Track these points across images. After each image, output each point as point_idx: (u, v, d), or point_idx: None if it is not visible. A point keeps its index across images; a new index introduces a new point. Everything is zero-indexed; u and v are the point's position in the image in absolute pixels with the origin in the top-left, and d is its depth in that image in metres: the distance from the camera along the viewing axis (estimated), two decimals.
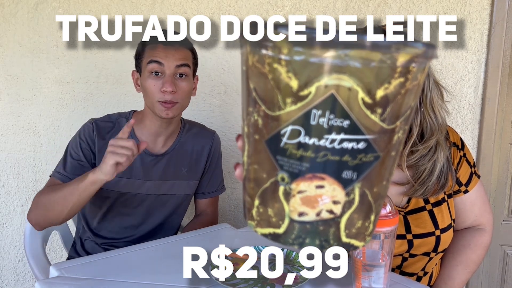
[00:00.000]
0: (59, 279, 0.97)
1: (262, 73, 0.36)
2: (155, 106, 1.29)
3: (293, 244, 0.38)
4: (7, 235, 2.09)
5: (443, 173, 1.08)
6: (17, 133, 2.00)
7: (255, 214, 0.40)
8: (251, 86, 0.38)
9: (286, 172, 0.37)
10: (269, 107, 0.36)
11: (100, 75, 1.92)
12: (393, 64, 0.33)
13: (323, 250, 0.38)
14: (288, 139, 0.36)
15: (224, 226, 1.33)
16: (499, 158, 1.72)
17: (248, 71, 0.38)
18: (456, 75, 1.67)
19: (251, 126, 0.39)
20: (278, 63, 0.35)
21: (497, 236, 1.76)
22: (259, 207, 0.40)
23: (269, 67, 0.35)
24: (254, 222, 0.41)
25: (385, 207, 0.85)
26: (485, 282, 1.80)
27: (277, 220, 0.38)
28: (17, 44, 1.94)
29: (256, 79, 0.37)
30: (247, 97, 0.39)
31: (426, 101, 1.03)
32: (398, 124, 0.36)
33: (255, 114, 0.38)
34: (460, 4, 1.63)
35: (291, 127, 0.36)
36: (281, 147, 0.36)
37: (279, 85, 0.35)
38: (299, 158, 0.36)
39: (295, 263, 1.04)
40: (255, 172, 0.39)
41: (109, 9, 1.86)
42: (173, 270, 1.02)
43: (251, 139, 0.39)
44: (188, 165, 1.44)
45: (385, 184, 0.38)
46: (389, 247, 0.85)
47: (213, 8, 1.81)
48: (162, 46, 1.28)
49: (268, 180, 0.38)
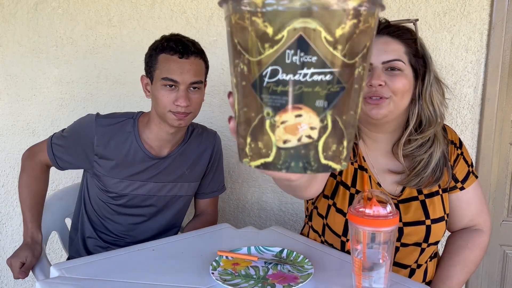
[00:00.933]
0: (59, 279, 0.97)
1: (243, 27, 0.44)
2: (167, 116, 1.28)
3: (281, 169, 0.45)
4: (6, 235, 2.09)
5: (438, 167, 1.10)
6: (16, 133, 2.00)
7: (248, 150, 0.48)
8: (235, 41, 0.46)
9: (270, 107, 0.44)
10: (252, 55, 0.44)
11: (99, 75, 1.92)
12: (346, 7, 0.41)
13: (307, 171, 0.45)
14: (269, 78, 0.43)
15: (224, 226, 1.33)
16: (499, 158, 1.72)
17: (232, 29, 0.46)
18: (456, 75, 1.67)
19: (238, 76, 0.46)
20: (255, 16, 0.43)
21: (497, 236, 1.76)
22: (251, 143, 0.47)
23: (248, 21, 0.43)
24: (248, 158, 0.48)
25: (385, 207, 0.86)
26: (484, 282, 1.80)
27: (266, 151, 0.46)
28: (16, 44, 1.93)
29: (239, 33, 0.45)
30: (233, 51, 0.47)
31: (426, 94, 1.06)
32: (357, 60, 0.44)
33: (241, 64, 0.46)
34: (460, 4, 1.63)
35: (271, 68, 0.43)
36: (264, 87, 0.44)
37: (258, 34, 0.43)
38: (280, 93, 0.43)
39: (295, 263, 1.04)
40: (245, 114, 0.47)
41: (108, 9, 1.86)
42: (173, 270, 1.02)
43: (239, 87, 0.47)
44: (190, 166, 1.45)
45: (352, 114, 0.46)
46: (389, 247, 0.85)
47: (212, 8, 1.81)
48: (177, 58, 1.26)
49: (256, 117, 0.46)
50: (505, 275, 1.80)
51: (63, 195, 1.59)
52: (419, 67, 1.06)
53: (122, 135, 1.34)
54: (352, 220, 0.86)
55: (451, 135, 1.18)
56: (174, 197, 1.44)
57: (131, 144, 1.35)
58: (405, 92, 1.04)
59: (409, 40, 1.05)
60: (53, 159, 1.38)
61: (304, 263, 1.03)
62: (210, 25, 1.82)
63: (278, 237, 1.24)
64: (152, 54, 1.29)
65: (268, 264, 1.03)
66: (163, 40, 1.29)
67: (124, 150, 1.34)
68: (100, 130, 1.33)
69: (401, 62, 1.03)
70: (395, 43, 1.04)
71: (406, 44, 1.05)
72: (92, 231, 1.43)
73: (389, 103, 1.03)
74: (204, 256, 1.08)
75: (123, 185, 1.36)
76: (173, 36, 1.30)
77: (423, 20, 1.66)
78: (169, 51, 1.26)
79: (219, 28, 1.81)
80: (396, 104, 1.04)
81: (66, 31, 1.90)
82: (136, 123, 1.36)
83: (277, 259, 1.07)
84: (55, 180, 2.02)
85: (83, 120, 1.38)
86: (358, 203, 0.88)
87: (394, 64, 1.02)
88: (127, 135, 1.35)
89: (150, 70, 1.30)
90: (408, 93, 1.06)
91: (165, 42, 1.27)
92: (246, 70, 0.45)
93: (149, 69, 1.31)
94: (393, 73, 1.03)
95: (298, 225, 1.88)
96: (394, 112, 1.06)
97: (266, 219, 1.93)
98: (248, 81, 0.45)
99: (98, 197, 1.40)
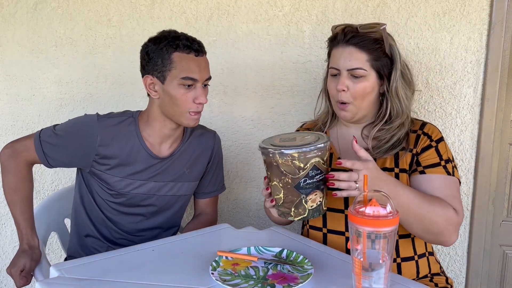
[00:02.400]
0: (59, 280, 0.97)
1: (287, 164, 1.03)
2: (184, 116, 1.29)
3: (311, 218, 1.09)
4: (6, 235, 2.09)
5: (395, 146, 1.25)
6: (16, 133, 2.00)
7: (292, 213, 1.09)
8: (282, 169, 1.04)
9: (304, 194, 1.06)
10: (293, 175, 1.04)
11: (99, 75, 1.92)
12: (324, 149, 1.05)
13: (320, 215, 1.10)
14: (303, 183, 1.05)
15: (224, 226, 1.33)
16: (498, 158, 1.72)
17: (278, 164, 1.04)
18: (456, 75, 1.67)
19: (285, 183, 1.06)
20: (294, 160, 1.03)
21: (497, 236, 1.76)
22: (294, 210, 1.08)
23: (290, 161, 1.03)
24: (293, 217, 1.09)
25: (385, 207, 0.86)
26: (484, 282, 1.80)
27: (303, 212, 1.08)
28: (16, 44, 1.93)
29: (285, 166, 1.04)
30: (280, 174, 1.05)
31: (392, 90, 1.24)
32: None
33: (286, 178, 1.05)
34: (460, 5, 1.63)
35: (303, 179, 1.04)
36: (301, 187, 1.05)
37: (295, 166, 1.03)
38: (308, 187, 1.06)
39: (295, 264, 1.04)
40: (290, 199, 1.07)
41: (108, 9, 1.86)
42: (173, 270, 1.02)
43: (285, 188, 1.06)
44: (190, 166, 1.45)
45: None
46: (389, 247, 0.85)
47: (212, 8, 1.81)
48: (194, 56, 1.27)
49: (297, 199, 1.07)
50: (505, 275, 1.80)
51: (62, 196, 1.59)
52: (383, 68, 1.23)
53: (125, 134, 1.34)
54: (352, 220, 0.86)
55: (430, 129, 1.26)
56: (174, 197, 1.44)
57: (133, 143, 1.34)
58: (365, 95, 1.23)
59: (372, 48, 1.21)
60: (44, 157, 1.34)
61: (304, 263, 1.03)
62: (210, 25, 1.82)
63: (278, 237, 1.24)
64: (160, 54, 1.26)
65: (268, 264, 1.03)
66: (169, 38, 1.26)
67: (126, 149, 1.34)
68: (103, 131, 1.32)
69: (362, 70, 1.21)
70: (358, 52, 1.21)
71: (369, 52, 1.21)
72: (92, 229, 1.42)
73: (352, 108, 1.24)
74: (204, 256, 1.08)
75: (123, 184, 1.36)
76: (176, 34, 1.29)
77: (422, 20, 1.66)
78: (183, 50, 1.25)
79: (218, 28, 1.81)
80: (358, 107, 1.24)
81: (65, 31, 1.90)
82: (137, 122, 1.36)
83: (277, 259, 1.07)
84: (55, 180, 2.02)
85: (83, 120, 1.36)
86: (358, 203, 0.88)
87: (356, 72, 1.21)
88: (129, 134, 1.34)
89: (162, 69, 1.27)
90: (370, 94, 1.24)
91: (175, 40, 1.26)
92: (290, 181, 1.05)
93: (159, 69, 1.27)
94: (355, 79, 1.22)
95: (298, 225, 1.89)
96: (359, 113, 1.26)
97: (265, 219, 1.93)
98: (292, 185, 1.05)
99: (98, 194, 1.39)
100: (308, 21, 1.76)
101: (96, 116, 1.35)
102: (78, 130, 1.35)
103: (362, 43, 1.20)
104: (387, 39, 1.22)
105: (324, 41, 1.75)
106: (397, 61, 1.23)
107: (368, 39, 1.21)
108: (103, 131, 1.32)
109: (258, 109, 1.86)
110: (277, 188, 1.07)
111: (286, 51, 1.79)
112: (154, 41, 1.29)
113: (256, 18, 1.79)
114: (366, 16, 1.70)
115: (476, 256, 1.78)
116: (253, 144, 1.89)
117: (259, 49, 1.81)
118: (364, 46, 1.20)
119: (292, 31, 1.77)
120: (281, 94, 1.83)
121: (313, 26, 1.75)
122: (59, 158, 1.36)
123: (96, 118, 1.34)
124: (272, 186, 1.09)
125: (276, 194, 1.09)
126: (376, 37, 1.21)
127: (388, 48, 1.22)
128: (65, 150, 1.35)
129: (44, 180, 2.03)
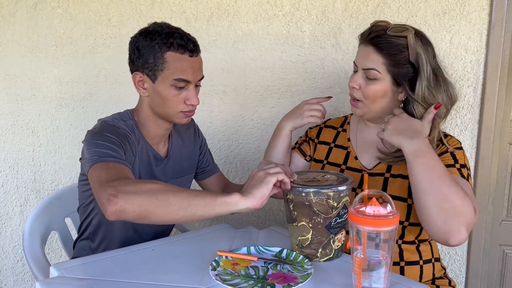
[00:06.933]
0: (59, 279, 0.97)
1: (321, 203, 1.02)
2: (175, 115, 1.26)
3: (335, 258, 1.08)
4: (6, 235, 2.09)
5: None
6: (16, 133, 2.00)
7: (319, 255, 1.06)
8: (315, 209, 1.03)
9: (333, 233, 1.05)
10: (326, 214, 1.03)
11: (99, 75, 1.92)
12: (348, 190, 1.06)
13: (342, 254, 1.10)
14: (333, 223, 1.04)
15: (224, 226, 1.33)
16: (498, 158, 1.72)
17: (311, 204, 1.03)
18: (455, 75, 1.67)
19: (316, 223, 1.04)
20: (329, 199, 1.02)
21: (496, 236, 1.77)
22: (321, 251, 1.06)
23: (325, 201, 1.02)
24: (318, 258, 1.07)
25: (385, 207, 0.86)
26: (484, 282, 1.80)
27: (330, 252, 1.07)
28: (16, 44, 1.93)
29: (319, 206, 1.03)
30: (313, 213, 1.03)
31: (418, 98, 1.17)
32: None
33: (318, 218, 1.03)
34: (459, 4, 1.63)
35: (334, 218, 1.04)
36: (331, 227, 1.04)
37: (329, 205, 1.03)
38: (337, 227, 1.05)
39: (295, 263, 1.04)
40: (319, 239, 1.05)
41: (108, 8, 1.86)
42: (173, 270, 1.02)
43: (316, 227, 1.04)
44: (187, 157, 1.44)
45: None
46: (389, 247, 0.85)
47: (212, 8, 1.81)
48: (188, 57, 1.21)
49: (326, 239, 1.05)
50: (505, 275, 1.80)
51: (62, 195, 1.58)
52: (402, 75, 1.17)
53: (134, 138, 1.29)
54: (352, 219, 0.86)
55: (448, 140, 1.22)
56: None
57: (142, 147, 1.31)
58: (376, 98, 1.20)
59: (392, 53, 1.16)
60: (125, 162, 1.14)
61: (303, 263, 1.03)
62: (210, 25, 1.82)
63: (277, 237, 1.24)
64: (152, 51, 1.19)
65: (267, 264, 1.03)
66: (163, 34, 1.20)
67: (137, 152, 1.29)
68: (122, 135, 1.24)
69: (375, 71, 1.17)
70: (375, 53, 1.17)
71: (386, 55, 1.16)
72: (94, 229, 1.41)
73: (362, 106, 1.23)
74: (204, 256, 1.08)
75: None
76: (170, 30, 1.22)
77: (422, 20, 1.66)
78: (178, 49, 1.19)
79: (218, 28, 1.81)
80: (369, 107, 1.22)
81: (65, 31, 1.90)
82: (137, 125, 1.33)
83: (277, 259, 1.07)
84: (55, 180, 2.02)
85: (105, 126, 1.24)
86: (358, 202, 0.88)
87: (369, 73, 1.19)
88: (134, 137, 1.29)
89: (154, 68, 1.20)
90: (382, 98, 1.20)
91: (169, 38, 1.19)
92: (322, 221, 1.03)
93: (150, 67, 1.21)
94: (368, 80, 1.20)
95: None
96: (369, 113, 1.24)
97: (265, 219, 1.93)
98: (323, 225, 1.03)
99: None
100: (308, 21, 1.76)
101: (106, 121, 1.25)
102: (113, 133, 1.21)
103: (382, 45, 1.16)
104: (413, 47, 1.15)
105: (323, 41, 1.75)
106: (423, 71, 1.16)
107: (390, 43, 1.16)
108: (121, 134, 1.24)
109: (258, 109, 1.86)
110: (305, 229, 1.04)
111: (286, 51, 1.79)
112: (146, 36, 1.21)
113: (256, 18, 1.79)
114: (366, 16, 1.70)
115: (476, 256, 1.78)
116: (253, 144, 1.89)
117: (259, 49, 1.81)
118: (383, 48, 1.16)
119: (292, 31, 1.77)
120: (281, 94, 1.83)
121: (313, 26, 1.76)
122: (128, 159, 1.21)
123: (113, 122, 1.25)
124: (297, 227, 1.06)
125: (302, 235, 1.05)
126: (399, 43, 1.16)
127: (414, 56, 1.15)
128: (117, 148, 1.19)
129: (44, 180, 2.03)
